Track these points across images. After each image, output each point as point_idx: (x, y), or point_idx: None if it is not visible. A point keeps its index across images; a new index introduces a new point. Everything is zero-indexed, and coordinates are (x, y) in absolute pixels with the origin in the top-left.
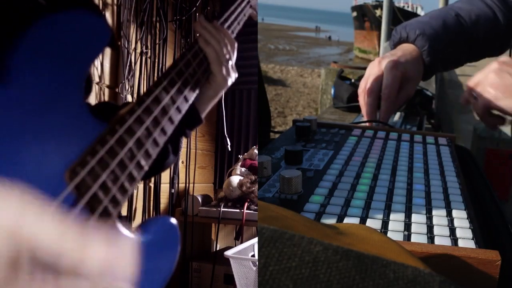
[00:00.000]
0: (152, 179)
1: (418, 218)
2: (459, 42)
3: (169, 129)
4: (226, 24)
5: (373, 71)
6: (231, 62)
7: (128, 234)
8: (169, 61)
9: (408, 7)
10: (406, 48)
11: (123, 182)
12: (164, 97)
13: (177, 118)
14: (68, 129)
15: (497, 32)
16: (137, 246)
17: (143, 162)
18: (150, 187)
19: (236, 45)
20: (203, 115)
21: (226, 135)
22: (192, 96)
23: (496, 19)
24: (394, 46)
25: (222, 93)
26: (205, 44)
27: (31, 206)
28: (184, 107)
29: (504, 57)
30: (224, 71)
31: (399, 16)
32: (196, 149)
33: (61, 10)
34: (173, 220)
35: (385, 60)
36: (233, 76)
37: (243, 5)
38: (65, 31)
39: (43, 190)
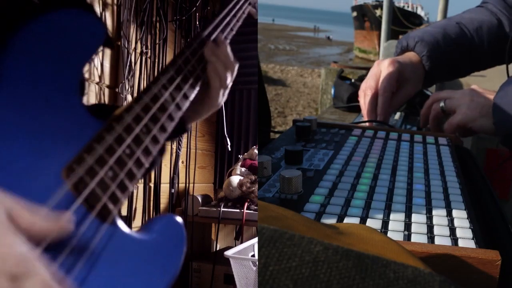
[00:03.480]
0: (152, 179)
1: (418, 218)
2: (460, 49)
3: (169, 126)
4: (225, 21)
5: (372, 72)
6: (228, 88)
7: (130, 232)
8: (169, 61)
9: (408, 7)
10: (407, 55)
11: (122, 179)
12: (163, 94)
13: (177, 115)
14: (65, 128)
15: (502, 39)
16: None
17: (143, 159)
18: (150, 187)
19: (236, 68)
20: (189, 126)
21: (226, 135)
22: (192, 93)
23: (501, 26)
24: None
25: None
26: (214, 72)
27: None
28: (184, 104)
29: (474, 85)
30: (220, 98)
31: (399, 16)
32: (196, 149)
33: (55, 9)
34: (179, 219)
35: (384, 61)
36: (224, 99)
37: (241, 2)
38: (59, 30)
39: (40, 189)
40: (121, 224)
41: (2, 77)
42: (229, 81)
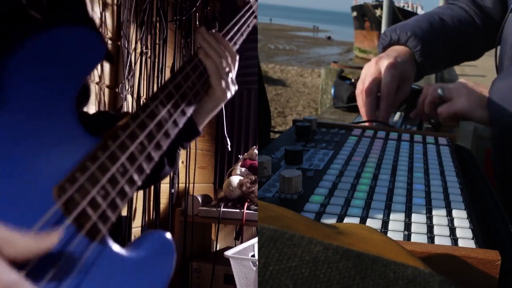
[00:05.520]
0: None
1: (418, 218)
2: (445, 44)
3: (165, 143)
4: (229, 35)
5: (370, 71)
6: (231, 75)
7: (118, 251)
8: (169, 61)
9: (408, 7)
10: (399, 50)
11: (114, 198)
12: (160, 111)
13: (173, 132)
14: (59, 145)
15: (476, 36)
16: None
17: (135, 177)
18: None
19: (237, 57)
20: (201, 128)
21: (226, 135)
22: (190, 110)
23: (475, 24)
24: (383, 49)
25: (222, 106)
26: (205, 56)
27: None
28: (182, 121)
29: (463, 80)
30: (223, 85)
31: (399, 16)
32: (196, 149)
33: (57, 25)
34: (168, 235)
35: (383, 61)
36: (232, 90)
37: (247, 15)
38: (60, 46)
39: (32, 207)
40: (110, 242)
41: (2, 91)
42: (227, 65)
